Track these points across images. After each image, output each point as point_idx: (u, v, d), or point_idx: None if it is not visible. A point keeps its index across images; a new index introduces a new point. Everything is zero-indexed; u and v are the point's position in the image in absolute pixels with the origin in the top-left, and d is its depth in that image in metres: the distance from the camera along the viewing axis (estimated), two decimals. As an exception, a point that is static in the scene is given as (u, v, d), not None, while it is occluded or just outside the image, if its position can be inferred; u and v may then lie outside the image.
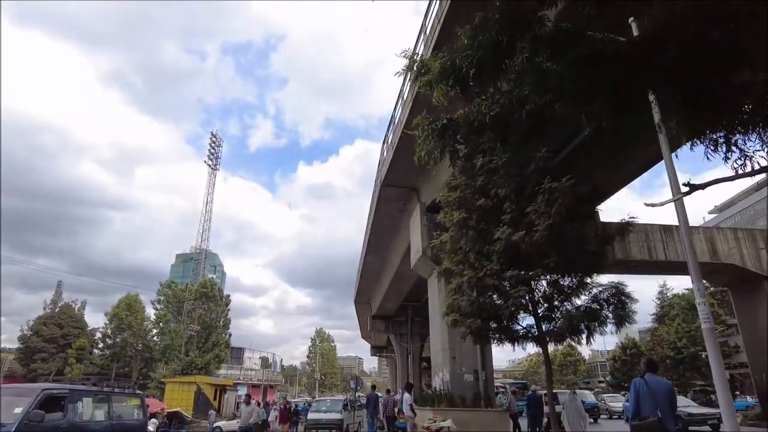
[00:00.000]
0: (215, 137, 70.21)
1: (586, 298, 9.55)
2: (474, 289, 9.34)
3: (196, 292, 43.03)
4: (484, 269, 9.04)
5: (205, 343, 41.94)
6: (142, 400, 10.10)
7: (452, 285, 9.67)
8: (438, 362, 14.50)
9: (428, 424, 10.93)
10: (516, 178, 9.32)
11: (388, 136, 16.20)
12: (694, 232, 17.33)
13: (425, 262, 15.38)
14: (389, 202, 18.50)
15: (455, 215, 9.56)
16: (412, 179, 16.32)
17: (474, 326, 9.17)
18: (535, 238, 8.48)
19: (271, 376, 72.44)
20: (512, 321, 9.65)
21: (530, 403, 13.88)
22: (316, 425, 18.33)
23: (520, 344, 10.17)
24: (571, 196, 8.26)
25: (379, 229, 21.79)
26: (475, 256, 9.30)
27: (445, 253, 10.17)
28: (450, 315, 9.72)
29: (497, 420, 12.50)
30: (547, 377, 9.90)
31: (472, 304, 9.18)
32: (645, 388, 5.54)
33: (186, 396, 30.10)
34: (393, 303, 32.61)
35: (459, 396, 13.25)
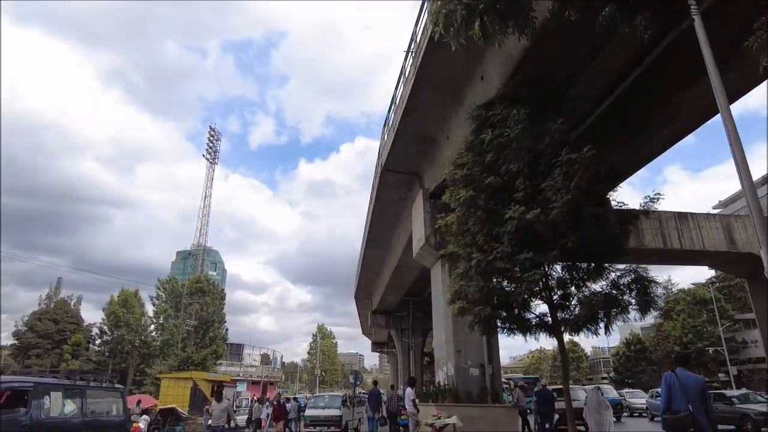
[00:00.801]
0: (213, 131, 69.43)
1: (604, 284, 8.79)
2: (483, 273, 8.55)
3: (191, 287, 42.26)
4: (494, 252, 8.24)
5: (202, 338, 41.25)
6: (122, 394, 9.32)
7: (459, 270, 8.87)
8: (442, 356, 13.72)
9: (432, 421, 10.15)
10: (529, 152, 8.53)
11: (389, 118, 15.38)
12: (711, 219, 16.54)
13: (428, 251, 14.58)
14: (390, 190, 17.68)
15: (462, 193, 8.75)
16: (414, 163, 15.50)
17: (483, 314, 8.37)
18: (551, 216, 7.68)
19: (271, 373, 71.87)
20: (524, 309, 8.86)
21: (540, 399, 13.12)
22: (315, 422, 17.60)
23: (533, 334, 9.38)
24: (592, 169, 7.45)
25: (379, 219, 20.99)
26: (484, 238, 8.51)
27: (451, 236, 9.36)
28: (456, 302, 8.93)
29: (506, 416, 11.72)
30: (563, 371, 9.11)
31: (481, 290, 8.38)
32: (676, 383, 5.42)
33: (182, 392, 29.31)
34: (394, 297, 31.86)
35: (464, 391, 12.47)
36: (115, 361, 43.92)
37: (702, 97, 10.37)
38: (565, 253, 7.95)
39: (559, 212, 7.54)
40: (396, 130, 13.87)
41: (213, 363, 38.35)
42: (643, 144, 11.71)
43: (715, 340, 41.89)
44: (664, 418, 5.51)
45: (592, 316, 7.83)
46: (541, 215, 7.74)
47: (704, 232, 15.76)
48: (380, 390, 16.87)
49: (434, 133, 13.65)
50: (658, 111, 10.87)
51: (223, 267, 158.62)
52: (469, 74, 11.14)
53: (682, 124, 11.27)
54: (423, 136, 13.99)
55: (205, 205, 69.84)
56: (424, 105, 12.64)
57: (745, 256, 16.35)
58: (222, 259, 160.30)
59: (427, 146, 14.38)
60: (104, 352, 45.49)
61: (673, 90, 10.30)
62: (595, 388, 11.50)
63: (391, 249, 23.89)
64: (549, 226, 7.84)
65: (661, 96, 10.63)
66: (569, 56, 9.40)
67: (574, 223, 7.97)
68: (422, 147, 14.49)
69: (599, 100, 10.67)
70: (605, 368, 74.96)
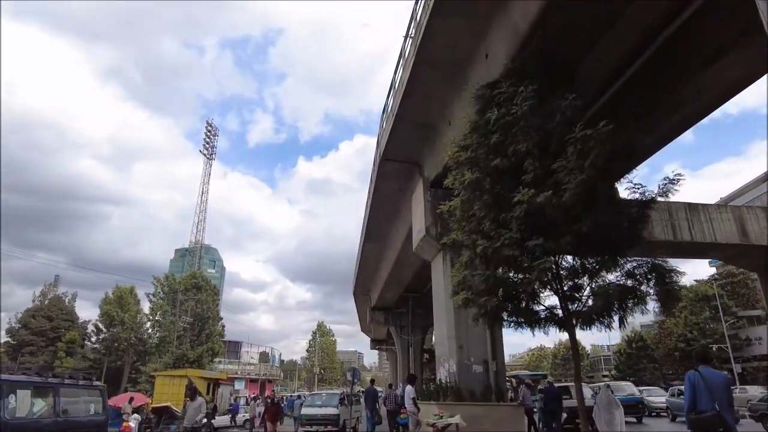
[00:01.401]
0: (210, 126, 68.66)
1: (617, 274, 8.19)
2: (489, 262, 7.93)
3: (187, 283, 41.61)
4: (502, 238, 7.61)
5: (198, 335, 40.66)
6: (101, 392, 8.69)
7: (463, 258, 8.24)
8: (443, 352, 13.11)
9: (434, 421, 9.54)
10: (539, 131, 7.90)
11: (387, 104, 14.74)
12: (722, 210, 15.91)
13: (429, 242, 13.96)
14: (389, 180, 17.05)
15: (467, 175, 8.11)
16: (414, 151, 14.87)
17: (489, 306, 7.75)
18: (564, 198, 7.05)
19: (269, 371, 71.37)
20: (533, 300, 8.25)
21: (547, 397, 12.53)
22: (311, 421, 17.02)
23: (542, 328, 8.76)
24: (608, 146, 6.82)
25: (378, 211, 20.37)
26: (490, 224, 7.87)
27: (454, 222, 8.72)
28: (460, 293, 8.30)
29: (511, 415, 11.12)
30: (575, 367, 8.49)
31: (487, 279, 7.76)
32: (700, 381, 5.31)
33: (177, 390, 28.65)
34: (393, 293, 31.27)
35: (467, 389, 11.87)
36: (110, 359, 43.30)
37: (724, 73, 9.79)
38: (579, 238, 7.33)
39: (572, 194, 6.91)
40: (395, 116, 13.23)
41: (209, 360, 37.71)
42: (660, 122, 11.02)
43: (719, 337, 41.40)
44: (690, 418, 5.34)
45: (607, 306, 7.21)
46: (553, 198, 7.12)
47: (716, 224, 15.15)
48: (377, 388, 16.37)
49: (435, 118, 13.02)
50: (674, 91, 10.24)
51: (222, 265, 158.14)
52: (473, 52, 10.50)
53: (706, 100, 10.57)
54: (423, 122, 13.35)
55: (202, 201, 69.20)
56: (424, 87, 12.00)
57: (758, 249, 15.74)
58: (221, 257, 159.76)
59: (428, 132, 13.75)
60: (100, 349, 44.89)
61: (691, 69, 9.67)
62: (605, 386, 10.89)
63: (390, 243, 23.28)
64: (561, 210, 7.22)
65: (676, 77, 10.01)
66: (579, 28, 8.78)
67: (589, 205, 7.36)
68: (422, 133, 13.86)
69: (611, 80, 10.04)
70: (606, 366, 74.57)
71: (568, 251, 7.62)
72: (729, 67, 9.53)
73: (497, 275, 7.67)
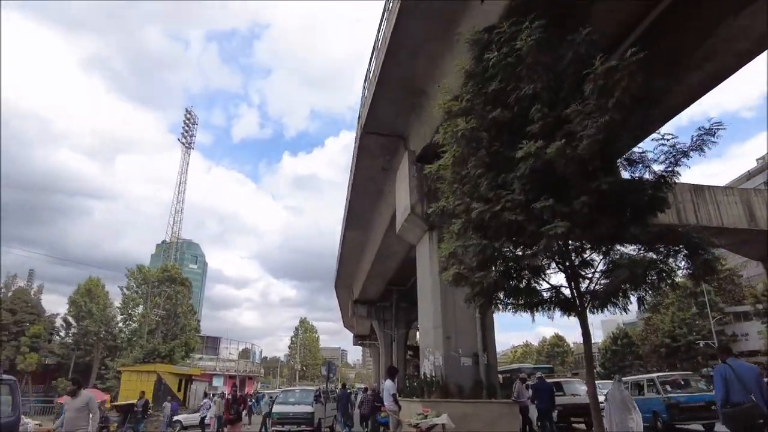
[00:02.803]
0: (190, 114, 66.21)
1: (633, 247, 6.91)
2: (486, 230, 6.56)
3: (159, 276, 39.68)
4: (502, 201, 6.25)
5: (172, 328, 38.75)
6: (11, 388, 7.11)
7: (454, 227, 6.83)
8: (428, 343, 11.75)
9: (417, 421, 8.15)
10: (547, 72, 6.55)
11: (369, 69, 13.27)
12: (729, 193, 14.84)
13: (414, 222, 12.56)
14: (372, 158, 15.60)
15: (461, 125, 6.71)
16: (399, 123, 13.45)
17: (486, 282, 6.37)
18: (580, 148, 5.71)
19: (250, 367, 69.53)
20: (538, 276, 6.91)
21: (537, 393, 11.27)
22: (283, 420, 15.52)
23: (545, 311, 7.44)
24: (639, 79, 5.49)
25: (360, 194, 18.90)
26: (488, 184, 6.51)
27: (445, 185, 7.31)
28: (450, 269, 6.90)
29: (505, 414, 9.80)
30: (586, 359, 7.14)
31: (483, 251, 6.37)
32: (731, 373, 5.29)
33: (145, 386, 26.87)
34: (376, 286, 29.87)
35: (455, 384, 10.53)
36: (78, 353, 41.11)
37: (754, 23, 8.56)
38: (598, 199, 6.01)
39: (592, 141, 5.56)
40: (377, 80, 11.78)
41: (182, 355, 35.86)
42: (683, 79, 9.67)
43: (706, 333, 40.97)
44: (725, 412, 5.25)
45: (633, 280, 5.87)
46: (567, 148, 5.77)
47: (723, 207, 14.08)
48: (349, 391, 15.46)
49: (422, 80, 11.61)
50: (699, 45, 8.97)
51: (204, 260, 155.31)
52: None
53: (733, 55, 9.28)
54: (409, 86, 11.93)
55: (180, 192, 66.79)
56: (410, 43, 10.57)
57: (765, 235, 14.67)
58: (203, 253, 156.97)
59: (415, 98, 12.33)
60: (68, 344, 42.67)
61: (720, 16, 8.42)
62: (616, 380, 9.62)
63: (374, 230, 21.86)
64: (576, 164, 5.88)
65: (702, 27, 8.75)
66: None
67: (610, 158, 6.04)
68: (408, 100, 12.44)
69: (630, 27, 8.75)
70: (590, 363, 74.08)
71: (583, 216, 6.29)
72: (759, 14, 8.30)
73: (496, 245, 6.29)
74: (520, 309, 7.44)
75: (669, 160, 6.29)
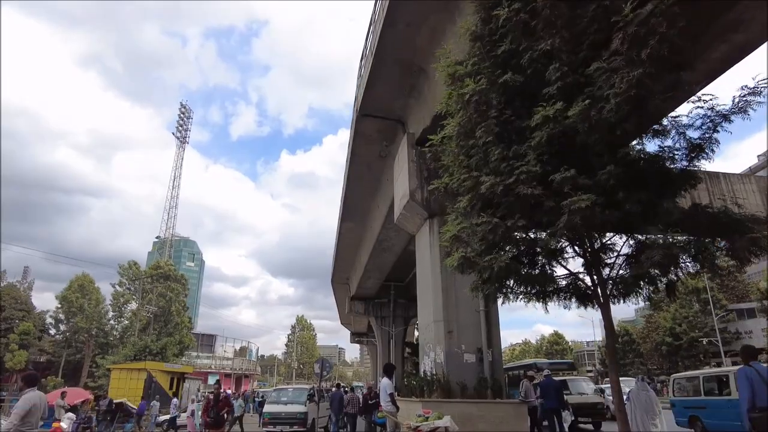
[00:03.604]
0: (185, 108, 65.16)
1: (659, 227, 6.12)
2: (497, 207, 5.77)
3: (151, 273, 38.78)
4: (516, 173, 5.45)
5: (165, 326, 37.88)
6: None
7: (460, 205, 6.02)
8: (428, 338, 10.95)
9: (417, 423, 7.35)
10: (568, 28, 5.74)
11: (366, 46, 12.44)
12: (746, 180, 14.07)
13: (414, 210, 11.75)
14: (369, 143, 14.78)
15: (469, 86, 5.88)
16: (397, 104, 12.63)
17: (497, 266, 5.56)
18: (608, 109, 4.92)
19: (246, 365, 68.70)
20: (555, 260, 6.12)
21: (545, 392, 10.49)
22: (274, 420, 14.73)
23: (561, 301, 6.65)
24: (678, 26, 4.69)
25: (356, 184, 18.09)
26: (499, 153, 5.70)
27: (449, 157, 6.47)
28: (456, 252, 6.08)
29: (512, 415, 9.01)
30: (609, 355, 6.34)
31: (494, 230, 5.57)
32: (757, 376, 5.08)
33: (135, 384, 26.11)
34: (374, 281, 29.07)
35: (458, 383, 9.74)
36: (69, 351, 40.22)
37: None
38: (626, 169, 5.21)
39: (623, 100, 4.77)
40: (374, 54, 10.95)
41: (174, 353, 34.98)
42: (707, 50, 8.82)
43: (708, 330, 40.35)
44: (753, 416, 4.97)
45: (669, 262, 5.07)
46: (591, 109, 4.98)
47: (739, 195, 13.34)
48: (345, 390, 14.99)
49: (422, 57, 10.78)
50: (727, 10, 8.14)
51: (201, 258, 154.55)
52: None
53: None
54: (408, 62, 11.12)
55: (175, 186, 65.78)
56: (409, 14, 9.76)
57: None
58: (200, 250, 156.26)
59: (414, 78, 11.52)
60: (59, 341, 41.78)
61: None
62: (639, 380, 8.85)
63: (371, 222, 21.05)
64: (601, 129, 5.10)
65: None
66: None
67: (641, 121, 5.24)
68: (407, 79, 11.63)
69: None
70: (589, 361, 73.66)
71: (609, 190, 5.49)
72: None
73: (509, 224, 5.47)
74: (533, 299, 6.67)
75: (706, 126, 5.51)
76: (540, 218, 5.54)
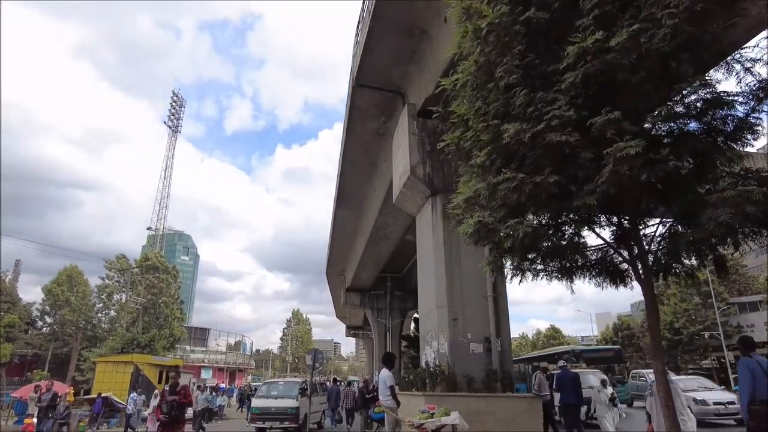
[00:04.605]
0: (177, 96, 63.62)
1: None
2: (522, 162, 4.79)
3: (140, 265, 37.67)
4: (546, 117, 4.47)
5: (156, 319, 36.82)
6: None
7: (478, 159, 5.01)
8: (431, 326, 9.99)
9: (421, 420, 6.39)
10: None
11: (364, 6, 11.38)
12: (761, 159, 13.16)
13: (415, 187, 10.76)
14: (365, 120, 13.76)
15: (487, 15, 4.86)
16: (396, 74, 11.62)
17: (522, 232, 4.57)
18: (658, 38, 3.94)
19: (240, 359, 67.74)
20: (589, 225, 5.15)
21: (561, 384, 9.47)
22: (263, 415, 13.76)
23: (593, 277, 5.69)
24: None
25: (352, 166, 17.09)
26: (525, 96, 4.71)
27: (461, 105, 5.44)
28: (472, 218, 5.07)
29: (525, 411, 8.09)
30: (653, 342, 5.33)
31: (519, 188, 4.59)
32: (758, 368, 4.85)
33: (120, 378, 25.13)
34: (370, 272, 28.13)
35: (464, 375, 8.80)
36: (56, 344, 39.08)
37: None
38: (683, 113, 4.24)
39: (684, 19, 3.78)
40: (372, 14, 9.91)
41: (164, 346, 33.92)
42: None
43: (709, 324, 39.73)
44: (753, 409, 4.77)
45: (743, 219, 4.07)
46: (640, 35, 3.99)
47: (763, 175, 12.43)
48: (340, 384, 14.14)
49: (424, 17, 9.76)
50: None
51: (196, 252, 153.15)
52: None
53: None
54: (409, 27, 10.10)
55: (167, 176, 64.39)
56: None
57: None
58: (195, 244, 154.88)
59: (416, 42, 10.50)
60: (46, 334, 40.63)
61: None
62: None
63: (367, 209, 20.05)
64: (651, 60, 4.11)
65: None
66: None
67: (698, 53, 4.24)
68: (408, 44, 10.62)
69: None
70: (587, 355, 73.00)
71: (657, 139, 4.51)
72: None
73: (538, 180, 4.47)
74: (556, 276, 5.71)
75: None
76: (575, 172, 4.56)
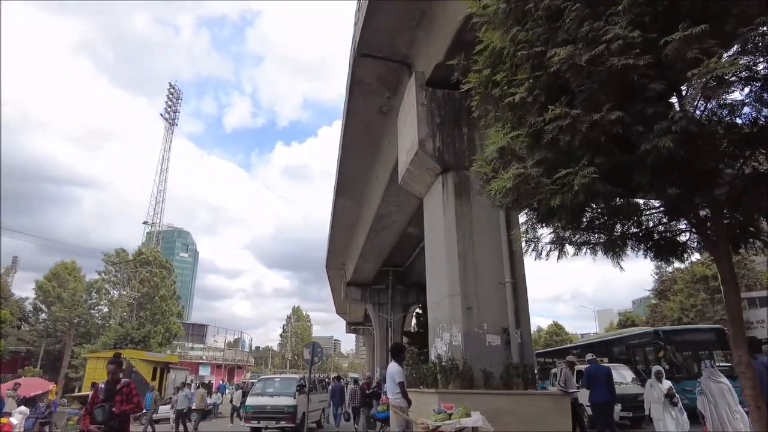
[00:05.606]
0: (173, 88, 62.38)
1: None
2: (572, 96, 3.82)
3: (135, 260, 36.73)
4: (605, 38, 3.49)
5: (152, 315, 35.87)
6: None
7: (517, 96, 3.99)
8: (441, 317, 9.01)
9: (437, 423, 5.41)
10: None
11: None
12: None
13: (423, 164, 9.76)
14: (368, 96, 12.75)
15: None
16: (403, 41, 10.61)
17: (578, 183, 3.58)
18: None
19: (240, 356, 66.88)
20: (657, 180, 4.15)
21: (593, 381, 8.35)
22: (259, 414, 12.83)
23: (649, 251, 4.70)
24: None
25: (353, 150, 16.07)
26: (577, 11, 3.73)
27: (492, 32, 4.41)
28: (505, 174, 4.06)
29: (552, 409, 7.12)
30: (732, 326, 4.30)
31: (572, 127, 3.59)
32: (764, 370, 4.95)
33: (113, 375, 24.17)
34: (371, 265, 27.12)
35: (482, 370, 7.82)
36: (49, 341, 38.13)
37: None
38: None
39: None
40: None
41: (160, 342, 32.95)
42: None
43: (718, 320, 38.83)
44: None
45: None
46: None
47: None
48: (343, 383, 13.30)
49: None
50: None
51: (195, 249, 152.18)
52: None
53: None
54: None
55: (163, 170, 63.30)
56: None
57: None
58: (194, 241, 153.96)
59: (424, 2, 9.49)
60: (39, 331, 39.68)
61: None
62: (708, 367, 6.92)
63: (368, 197, 19.05)
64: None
65: None
66: None
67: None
68: (415, 6, 9.61)
69: None
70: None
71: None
72: None
73: (595, 119, 3.48)
74: (601, 249, 4.73)
75: None
76: (642, 109, 3.56)
